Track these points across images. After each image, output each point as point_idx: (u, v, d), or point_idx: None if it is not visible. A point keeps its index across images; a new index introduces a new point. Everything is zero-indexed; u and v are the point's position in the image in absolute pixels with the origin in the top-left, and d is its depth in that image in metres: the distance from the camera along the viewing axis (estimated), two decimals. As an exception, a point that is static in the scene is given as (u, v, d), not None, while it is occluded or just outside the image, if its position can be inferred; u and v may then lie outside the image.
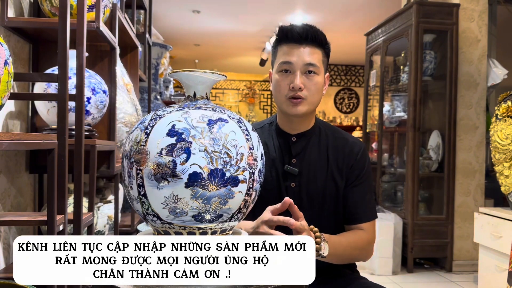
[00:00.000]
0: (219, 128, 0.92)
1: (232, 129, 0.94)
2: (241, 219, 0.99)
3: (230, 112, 1.01)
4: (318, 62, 1.27)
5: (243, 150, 0.93)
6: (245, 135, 0.96)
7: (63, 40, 1.33)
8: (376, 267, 3.31)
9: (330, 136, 1.36)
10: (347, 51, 7.90)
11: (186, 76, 1.01)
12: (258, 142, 1.00)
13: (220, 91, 9.94)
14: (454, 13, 3.40)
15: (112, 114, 1.89)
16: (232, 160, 0.91)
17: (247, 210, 0.99)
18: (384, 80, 4.02)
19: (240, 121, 0.99)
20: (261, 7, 5.52)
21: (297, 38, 1.26)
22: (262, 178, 0.99)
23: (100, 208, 1.93)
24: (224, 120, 0.95)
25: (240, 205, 0.95)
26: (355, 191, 1.32)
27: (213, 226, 0.95)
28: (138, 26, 3.12)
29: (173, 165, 0.88)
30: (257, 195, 1.01)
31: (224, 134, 0.92)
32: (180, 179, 0.88)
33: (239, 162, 0.92)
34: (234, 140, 0.93)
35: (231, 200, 0.92)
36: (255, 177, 0.96)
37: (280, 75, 1.29)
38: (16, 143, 1.06)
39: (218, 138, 0.91)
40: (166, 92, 4.31)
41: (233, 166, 0.91)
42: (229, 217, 0.95)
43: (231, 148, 0.91)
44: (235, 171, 0.91)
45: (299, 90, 1.25)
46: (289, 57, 1.26)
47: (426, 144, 3.65)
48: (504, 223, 2.36)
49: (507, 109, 2.26)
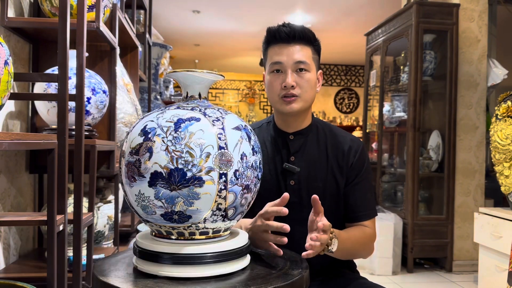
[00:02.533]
0: (186, 127, 0.90)
1: (201, 128, 0.90)
2: (228, 220, 0.96)
3: (219, 112, 0.96)
4: (308, 59, 1.28)
5: (210, 150, 0.89)
6: (217, 134, 0.91)
7: (63, 40, 1.33)
8: (376, 267, 3.31)
9: (329, 134, 1.36)
10: (347, 51, 7.91)
11: (183, 76, 1.01)
12: (240, 143, 0.93)
13: (220, 91, 9.94)
14: (454, 13, 3.40)
15: (112, 114, 1.89)
16: (195, 159, 0.88)
17: (229, 212, 0.94)
18: (384, 80, 4.02)
19: (218, 120, 0.93)
20: (261, 7, 5.51)
21: (285, 37, 1.27)
22: (246, 180, 0.94)
23: (100, 208, 1.93)
24: (195, 119, 0.92)
25: (213, 207, 0.91)
26: (356, 189, 1.33)
27: (187, 226, 0.93)
28: (138, 26, 3.12)
29: (139, 164, 0.90)
30: (251, 196, 0.98)
31: (190, 133, 0.89)
32: (144, 178, 0.89)
33: (204, 162, 0.88)
34: (200, 139, 0.89)
35: (197, 202, 0.89)
36: (229, 179, 0.90)
37: (272, 75, 1.30)
38: (16, 143, 1.06)
39: (182, 137, 0.89)
40: (166, 92, 4.31)
41: (196, 166, 0.88)
42: (203, 219, 0.92)
43: (195, 147, 0.88)
44: (198, 171, 0.88)
45: (292, 88, 1.26)
46: (279, 57, 1.27)
47: (426, 144, 3.65)
48: (504, 223, 2.36)
49: (507, 109, 2.26)
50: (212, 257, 0.93)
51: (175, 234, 0.95)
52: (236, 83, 9.98)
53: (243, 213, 1.01)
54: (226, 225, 0.98)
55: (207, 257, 0.93)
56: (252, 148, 0.97)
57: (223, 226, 0.97)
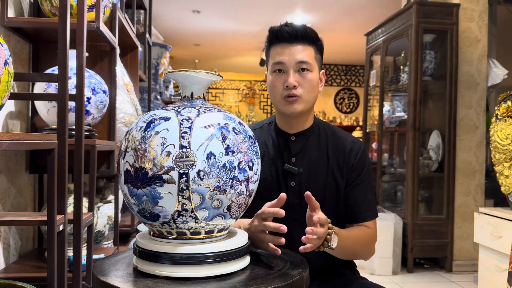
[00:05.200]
0: (154, 126, 0.91)
1: (167, 127, 0.90)
2: (204, 222, 0.93)
3: (201, 110, 0.95)
4: (310, 59, 1.27)
5: (171, 149, 0.88)
6: (181, 133, 0.89)
7: (63, 40, 1.33)
8: (376, 267, 3.31)
9: (330, 135, 1.36)
10: (347, 51, 7.90)
11: (182, 76, 1.01)
12: (208, 142, 0.89)
13: (220, 91, 9.94)
14: (454, 13, 3.40)
15: (112, 114, 1.89)
16: (156, 159, 0.88)
17: (201, 213, 0.91)
18: (384, 80, 4.02)
19: (189, 119, 0.92)
20: (261, 7, 5.51)
21: (287, 37, 1.27)
22: (216, 181, 0.89)
23: (100, 208, 1.93)
24: (165, 118, 0.92)
25: (177, 207, 0.90)
26: (357, 190, 1.33)
27: (160, 225, 0.94)
28: (138, 26, 3.12)
29: (119, 163, 0.96)
30: (232, 199, 0.93)
31: (155, 132, 0.90)
32: (121, 175, 0.95)
33: (164, 161, 0.87)
34: (163, 138, 0.89)
35: (161, 201, 0.89)
36: (191, 179, 0.87)
37: (274, 75, 1.29)
38: (16, 143, 1.06)
39: (148, 136, 0.91)
40: (166, 92, 4.31)
41: (157, 165, 0.88)
42: (171, 219, 0.91)
43: (156, 146, 0.89)
44: (158, 170, 0.88)
45: (294, 88, 1.26)
46: (281, 57, 1.27)
47: (426, 144, 3.65)
48: (504, 223, 2.36)
49: (507, 109, 2.26)
50: (212, 257, 0.93)
51: (165, 233, 0.96)
52: (236, 83, 9.98)
53: (236, 216, 0.98)
54: (209, 226, 0.94)
55: (207, 257, 0.93)
56: (227, 147, 0.91)
57: (203, 228, 0.94)
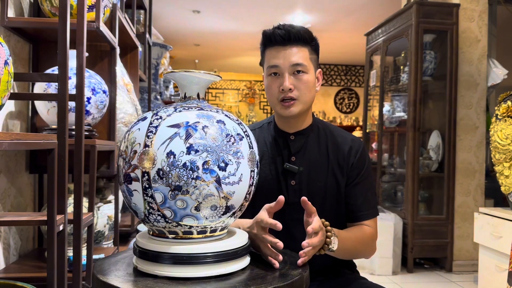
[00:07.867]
0: (133, 127, 0.97)
1: (140, 127, 0.95)
2: (175, 223, 0.93)
3: (177, 110, 0.95)
4: (305, 60, 1.27)
5: (137, 148, 0.92)
6: (147, 132, 0.92)
7: (63, 40, 1.33)
8: (376, 267, 3.31)
9: (329, 134, 1.36)
10: (347, 51, 7.90)
11: (181, 76, 1.02)
12: (169, 141, 0.89)
13: (220, 91, 9.94)
14: (454, 13, 3.40)
15: (112, 114, 1.89)
16: (127, 157, 0.93)
17: (168, 213, 0.91)
18: (384, 80, 4.02)
19: (160, 118, 0.93)
20: (261, 7, 5.51)
21: (280, 40, 1.26)
22: (176, 180, 0.88)
23: (100, 208, 1.93)
24: (143, 118, 0.97)
25: (145, 205, 0.92)
26: (357, 189, 1.33)
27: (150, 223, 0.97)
28: (138, 26, 3.12)
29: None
30: (198, 200, 0.90)
31: (131, 132, 0.96)
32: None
33: (132, 160, 0.92)
34: (134, 137, 0.93)
35: (133, 198, 0.94)
36: (151, 177, 0.89)
37: (269, 78, 1.30)
38: (16, 143, 1.06)
39: (126, 136, 0.96)
40: (166, 92, 4.31)
41: (128, 164, 0.93)
42: (144, 217, 0.94)
43: (129, 145, 0.94)
44: (127, 169, 0.93)
45: (289, 91, 1.26)
46: (276, 60, 1.27)
47: (426, 144, 3.65)
48: (504, 223, 2.36)
49: (507, 109, 2.26)
50: (212, 257, 0.93)
51: (155, 232, 0.99)
52: (236, 83, 9.98)
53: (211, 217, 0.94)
54: (184, 223, 0.93)
55: (207, 257, 0.93)
56: (190, 146, 0.88)
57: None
